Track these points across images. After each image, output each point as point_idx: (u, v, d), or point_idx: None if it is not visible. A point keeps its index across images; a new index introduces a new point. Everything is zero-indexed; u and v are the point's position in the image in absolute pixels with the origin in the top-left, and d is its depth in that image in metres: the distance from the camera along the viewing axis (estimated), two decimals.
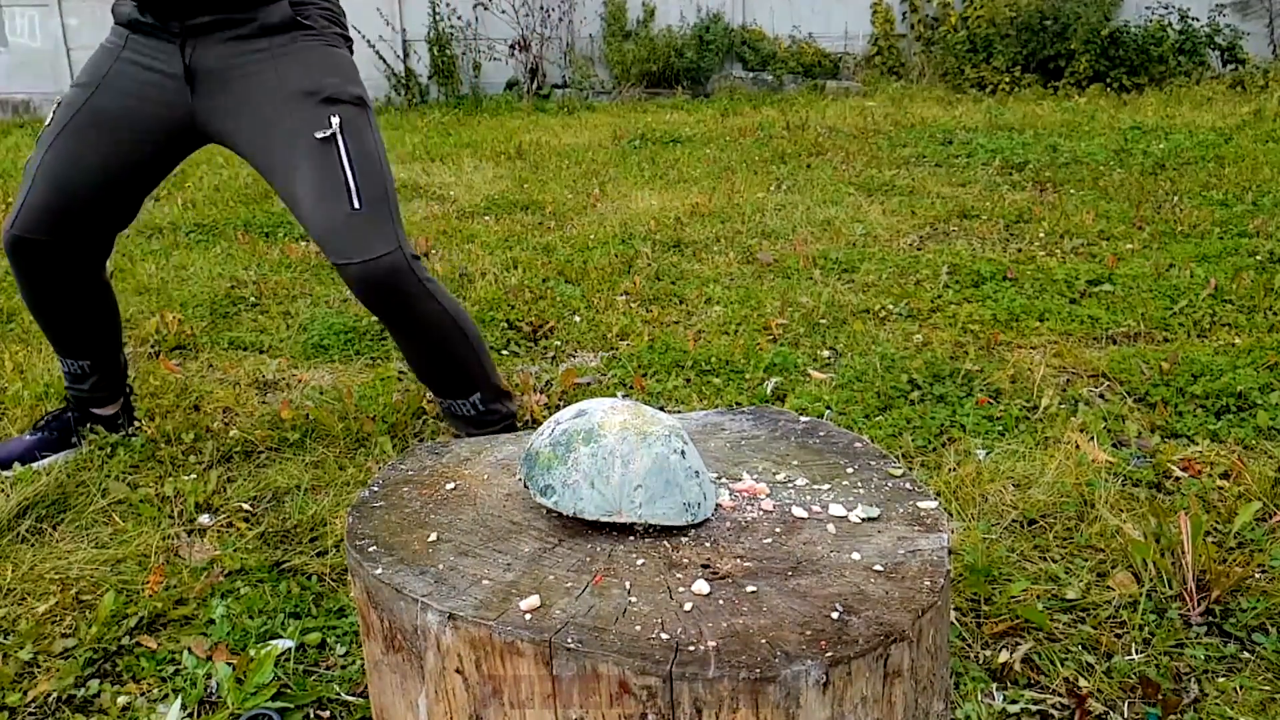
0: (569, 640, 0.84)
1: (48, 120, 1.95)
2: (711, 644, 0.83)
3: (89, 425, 2.30)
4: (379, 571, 0.96)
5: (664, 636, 0.84)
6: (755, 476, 1.13)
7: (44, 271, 2.01)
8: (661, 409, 2.53)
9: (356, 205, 1.81)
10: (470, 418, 2.10)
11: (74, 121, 1.91)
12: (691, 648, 0.83)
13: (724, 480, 1.12)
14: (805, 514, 1.05)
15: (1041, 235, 4.03)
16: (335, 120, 1.84)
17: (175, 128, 1.94)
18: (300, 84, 1.86)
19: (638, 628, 0.85)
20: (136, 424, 2.40)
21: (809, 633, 0.85)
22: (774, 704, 0.81)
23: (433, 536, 1.02)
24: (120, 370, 2.28)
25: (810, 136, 6.46)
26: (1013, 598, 1.71)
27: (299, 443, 2.36)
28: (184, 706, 1.51)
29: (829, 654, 0.82)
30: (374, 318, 3.16)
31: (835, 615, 0.87)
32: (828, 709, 0.83)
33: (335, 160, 1.82)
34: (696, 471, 1.02)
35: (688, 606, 0.88)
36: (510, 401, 2.17)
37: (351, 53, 2.01)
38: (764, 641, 0.84)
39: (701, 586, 0.91)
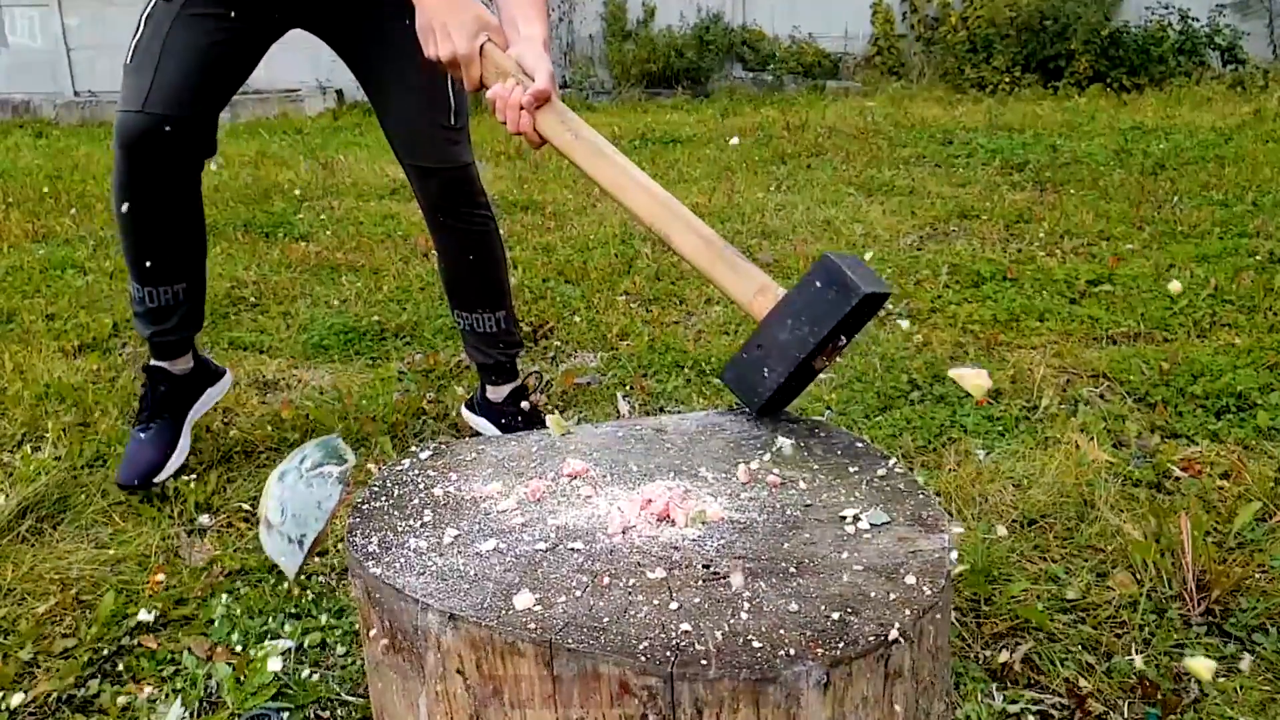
0: (570, 640, 0.84)
1: (149, 7, 1.93)
2: (712, 644, 0.83)
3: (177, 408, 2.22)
4: (379, 571, 0.96)
5: (665, 637, 0.84)
6: (755, 476, 1.13)
7: (164, 161, 1.95)
8: (661, 409, 2.53)
9: (452, 121, 2.06)
10: (492, 334, 2.29)
11: (187, 8, 1.92)
12: (692, 648, 0.83)
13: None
14: (805, 515, 1.05)
15: (1041, 235, 4.03)
16: None
17: (275, 23, 2.02)
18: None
19: (638, 628, 0.85)
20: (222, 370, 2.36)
21: (810, 633, 0.85)
22: (774, 704, 0.81)
23: (433, 536, 1.02)
24: (203, 300, 2.22)
25: (810, 137, 6.46)
26: (1013, 598, 1.71)
27: (299, 443, 2.36)
28: (184, 706, 1.51)
29: (830, 654, 0.82)
30: (376, 318, 3.17)
31: (836, 616, 0.87)
32: (828, 709, 0.83)
33: (445, 83, 2.03)
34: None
35: (689, 607, 0.88)
36: (519, 333, 2.37)
37: None
38: (765, 642, 0.84)
39: (702, 587, 0.91)
